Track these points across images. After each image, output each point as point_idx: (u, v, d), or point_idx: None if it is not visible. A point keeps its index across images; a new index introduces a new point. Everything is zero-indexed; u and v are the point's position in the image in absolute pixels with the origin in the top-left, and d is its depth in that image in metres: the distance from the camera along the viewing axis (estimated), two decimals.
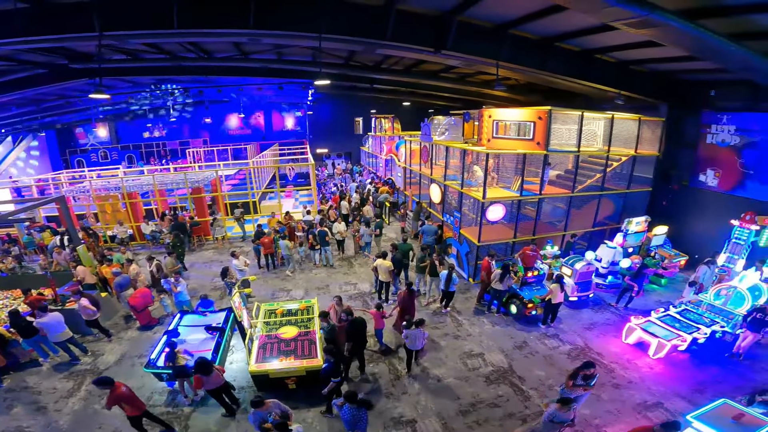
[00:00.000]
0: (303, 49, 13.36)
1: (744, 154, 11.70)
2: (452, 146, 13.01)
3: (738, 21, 6.88)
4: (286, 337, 7.85)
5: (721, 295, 9.19)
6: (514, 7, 8.47)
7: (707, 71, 10.83)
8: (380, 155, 23.79)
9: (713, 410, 5.73)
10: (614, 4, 5.47)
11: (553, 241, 12.33)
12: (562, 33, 9.85)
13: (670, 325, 8.64)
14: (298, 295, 11.39)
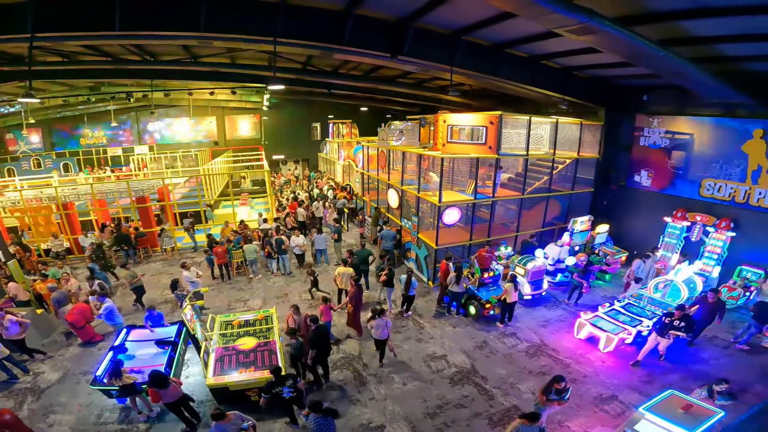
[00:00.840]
0: (258, 53, 13.04)
1: (673, 155, 12.77)
2: (409, 151, 13.17)
3: (666, 27, 7.47)
4: (244, 348, 7.64)
5: (659, 289, 9.89)
6: (468, 14, 8.75)
7: (640, 77, 11.66)
8: (338, 161, 23.67)
9: (662, 401, 5.96)
10: (558, 11, 5.77)
11: (507, 242, 12.80)
12: (512, 39, 10.29)
13: (616, 319, 9.12)
14: (256, 305, 11.05)
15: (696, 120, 12.09)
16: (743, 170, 11.10)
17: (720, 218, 11.50)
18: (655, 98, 12.98)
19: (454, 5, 7.90)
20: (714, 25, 7.10)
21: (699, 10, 6.58)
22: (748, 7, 6.02)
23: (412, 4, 8.45)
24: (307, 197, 20.86)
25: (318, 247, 13.51)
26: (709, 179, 11.89)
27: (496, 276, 10.74)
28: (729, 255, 11.44)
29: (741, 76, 9.59)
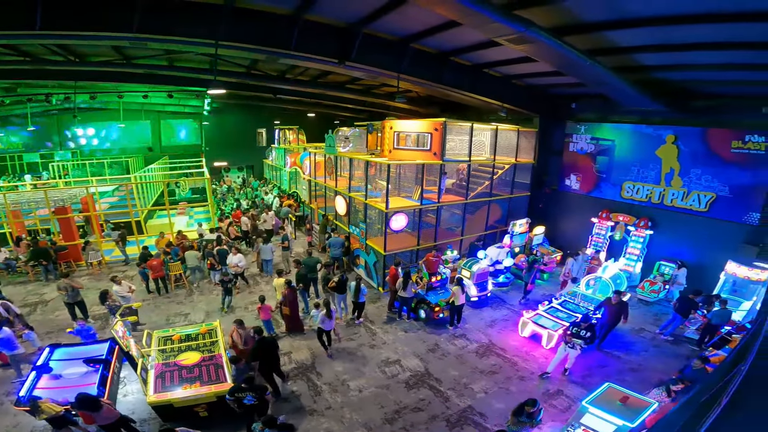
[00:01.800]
0: (199, 56, 12.42)
1: (598, 160, 13.92)
2: (356, 158, 13.19)
3: (593, 38, 8.06)
4: (187, 363, 7.32)
5: (590, 285, 10.67)
6: (416, 22, 8.92)
7: (570, 86, 12.54)
8: (284, 168, 23.12)
9: (601, 394, 6.32)
10: (498, 20, 6.12)
11: (453, 246, 13.19)
12: (457, 48, 10.65)
13: (555, 317, 9.66)
14: (198, 319, 10.50)
15: (617, 127, 13.28)
16: (657, 173, 12.35)
17: (639, 218, 12.69)
18: (582, 106, 14.08)
19: (403, 13, 8.04)
20: (633, 36, 7.76)
21: (620, 21, 7.16)
22: (661, 17, 6.64)
23: (361, 11, 8.49)
24: (251, 204, 20.16)
25: (264, 258, 13.06)
26: (629, 182, 13.09)
27: (444, 279, 11.00)
28: (648, 252, 12.65)
29: (655, 84, 10.58)
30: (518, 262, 13.25)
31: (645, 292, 11.81)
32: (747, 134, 10.43)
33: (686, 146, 11.66)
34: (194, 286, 12.50)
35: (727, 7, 5.91)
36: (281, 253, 13.66)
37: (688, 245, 11.85)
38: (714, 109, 10.99)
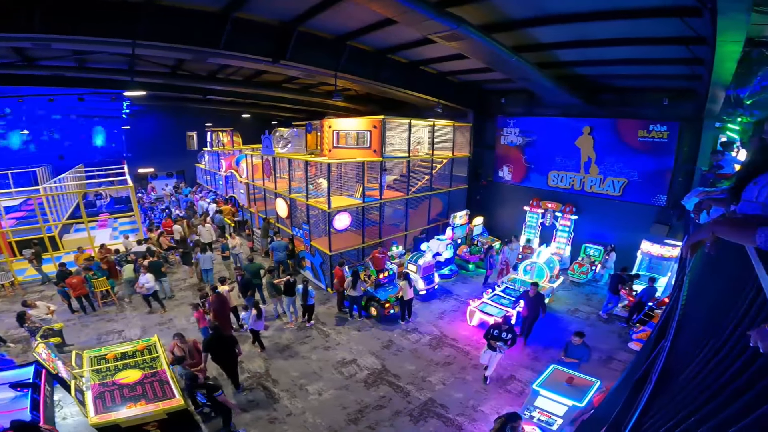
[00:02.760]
0: (114, 56, 11.34)
1: (526, 151, 14.85)
2: (295, 158, 12.88)
3: (518, 34, 8.57)
4: (128, 381, 6.96)
5: (527, 271, 11.35)
6: (353, 20, 8.87)
7: (499, 81, 13.23)
8: (219, 172, 22.00)
9: (549, 377, 6.61)
10: (432, 18, 6.27)
11: (397, 242, 13.37)
12: (394, 45, 10.76)
13: (499, 303, 10.11)
14: (134, 335, 9.76)
15: (541, 120, 14.25)
16: (577, 162, 13.45)
17: (565, 204, 13.74)
18: (511, 101, 14.93)
19: (339, 10, 7.97)
20: (552, 32, 8.36)
21: (542, 18, 7.68)
22: (575, 14, 7.20)
23: (297, 9, 8.30)
24: (191, 213, 18.93)
25: (203, 267, 12.35)
26: (554, 171, 14.12)
27: (391, 275, 11.10)
28: (575, 236, 13.74)
29: (572, 79, 11.51)
30: (461, 253, 13.77)
31: (575, 274, 12.81)
32: (651, 124, 11.70)
33: (600, 136, 12.82)
34: (126, 302, 11.52)
35: (628, 4, 6.54)
36: (222, 262, 13.01)
37: (608, 228, 13.04)
38: (622, 102, 12.20)
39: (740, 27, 4.60)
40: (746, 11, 4.14)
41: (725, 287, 1.82)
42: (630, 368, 4.91)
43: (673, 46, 7.76)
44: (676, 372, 1.98)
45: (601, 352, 8.91)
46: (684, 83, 10.37)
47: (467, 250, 13.94)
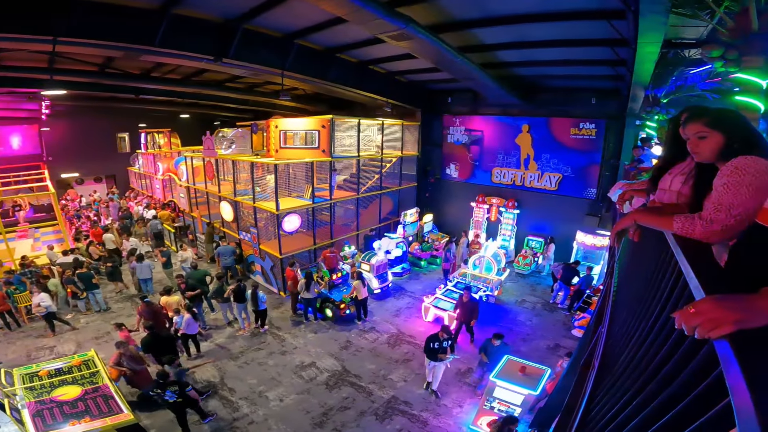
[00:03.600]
0: (31, 54, 10.16)
1: (472, 149, 15.41)
2: (239, 159, 12.38)
3: (463, 35, 8.81)
4: (67, 398, 6.61)
5: (476, 265, 11.77)
6: (301, 18, 8.62)
7: (446, 81, 13.43)
8: (156, 175, 20.60)
9: (503, 367, 6.83)
10: (381, 17, 6.29)
11: (349, 242, 13.32)
12: (343, 44, 10.62)
13: (452, 298, 10.28)
14: (68, 350, 9.05)
15: (484, 118, 14.85)
16: (518, 159, 14.19)
17: (508, 199, 14.44)
18: (456, 100, 15.39)
19: (288, 8, 7.72)
20: (495, 33, 8.67)
21: (485, 20, 7.96)
22: (518, 15, 7.50)
23: (243, 6, 7.94)
24: (113, 221, 17.53)
25: (142, 277, 11.52)
26: (497, 168, 14.79)
27: (345, 276, 11.05)
28: (518, 229, 14.49)
29: (511, 79, 12.08)
30: (413, 250, 14.00)
31: (520, 266, 13.51)
32: (581, 122, 12.61)
33: (537, 134, 13.61)
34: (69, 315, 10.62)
35: (561, 7, 6.96)
36: (165, 271, 12.22)
37: (547, 220, 13.89)
38: (556, 101, 13.02)
39: (659, 29, 4.97)
40: (664, 13, 4.47)
41: (650, 272, 1.96)
42: (575, 354, 5.19)
43: (600, 47, 8.34)
44: (615, 357, 2.10)
45: (548, 340, 9.48)
46: (609, 84, 11.23)
47: (419, 247, 14.20)
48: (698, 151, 1.76)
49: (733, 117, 1.72)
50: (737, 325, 0.85)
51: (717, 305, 0.90)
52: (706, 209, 1.54)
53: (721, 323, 0.86)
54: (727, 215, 1.45)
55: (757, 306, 0.89)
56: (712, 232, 1.50)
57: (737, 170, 1.46)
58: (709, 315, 0.88)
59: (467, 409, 7.29)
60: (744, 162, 1.46)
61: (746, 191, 1.42)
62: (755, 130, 1.67)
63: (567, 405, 3.15)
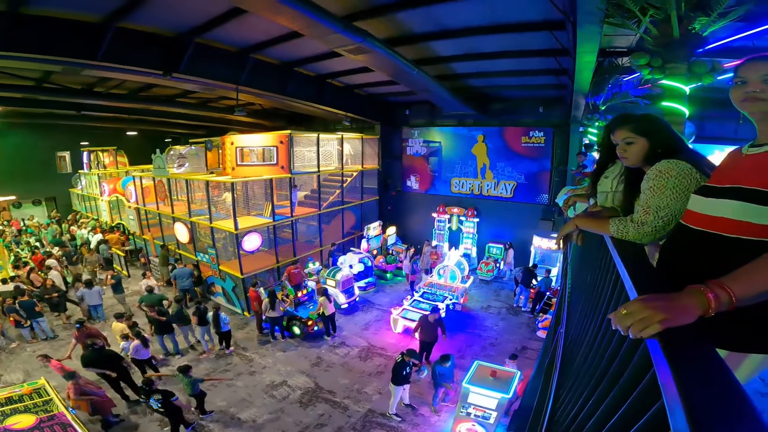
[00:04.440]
0: None
1: (430, 160, 15.77)
2: (194, 179, 11.93)
3: (419, 48, 9.01)
4: (21, 427, 6.35)
5: (441, 274, 11.95)
6: (257, 32, 8.47)
7: (403, 93, 13.73)
8: (101, 197, 19.39)
9: (475, 373, 6.82)
10: (338, 32, 6.30)
11: (313, 258, 13.12)
12: (301, 58, 10.54)
13: (419, 308, 10.38)
14: (16, 379, 8.43)
15: (442, 130, 15.29)
16: (474, 168, 14.68)
17: (467, 208, 14.85)
18: (414, 113, 15.74)
19: (243, 22, 7.58)
20: (449, 46, 8.93)
21: (440, 32, 8.18)
22: (470, 28, 7.76)
23: (194, 20, 7.73)
24: (53, 248, 16.23)
25: (91, 303, 10.83)
26: (455, 178, 15.22)
27: (310, 292, 10.91)
28: (479, 237, 14.90)
29: (465, 90, 12.52)
30: (378, 263, 14.01)
31: (483, 273, 13.86)
32: (531, 131, 13.29)
33: (492, 144, 14.18)
34: None
35: (508, 19, 7.26)
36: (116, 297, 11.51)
37: (506, 227, 14.40)
38: (508, 111, 13.66)
39: (595, 38, 5.30)
40: (599, 23, 4.77)
41: (595, 274, 2.06)
42: (540, 356, 5.35)
43: (544, 57, 8.83)
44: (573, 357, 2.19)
45: (515, 343, 9.75)
46: (554, 92, 11.94)
47: (383, 260, 14.23)
48: (626, 156, 1.87)
49: (656, 123, 1.84)
50: (664, 324, 0.90)
51: (645, 306, 0.95)
52: (636, 212, 1.65)
53: (650, 323, 0.91)
54: (655, 217, 1.57)
55: (681, 304, 0.97)
56: (643, 234, 1.62)
57: (661, 174, 1.57)
58: (638, 316, 0.93)
59: (444, 417, 7.36)
60: (667, 166, 1.57)
61: (670, 193, 1.53)
62: (677, 135, 1.82)
63: (536, 406, 3.21)
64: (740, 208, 1.21)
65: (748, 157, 1.30)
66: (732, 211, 1.23)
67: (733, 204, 1.23)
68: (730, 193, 1.25)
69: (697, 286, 1.00)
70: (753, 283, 1.00)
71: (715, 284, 1.00)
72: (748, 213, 1.19)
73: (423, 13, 7.14)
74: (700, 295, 0.98)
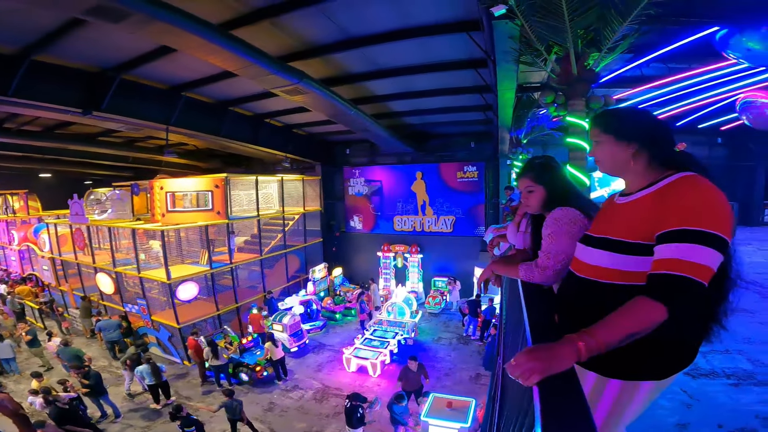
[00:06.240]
0: None
1: (372, 200, 15.99)
2: (118, 226, 11.00)
3: (357, 87, 9.24)
4: None
5: (389, 311, 11.90)
6: (189, 70, 8.22)
7: (342, 133, 13.81)
8: (10, 246, 17.23)
9: (431, 405, 6.82)
10: (274, 72, 6.30)
11: (257, 303, 12.45)
12: (237, 98, 10.34)
13: (371, 346, 10.26)
14: None
15: (382, 168, 15.66)
16: (415, 206, 15.13)
17: (411, 245, 15.12)
18: (355, 152, 15.96)
19: (173, 60, 7.35)
20: (386, 85, 9.26)
21: (377, 72, 8.48)
22: (404, 67, 8.16)
23: (119, 57, 7.40)
24: None
25: (2, 357, 9.56)
26: (398, 216, 15.54)
27: (256, 338, 10.41)
28: (424, 272, 15.14)
29: (402, 128, 12.99)
30: (326, 305, 13.68)
31: (431, 306, 13.99)
32: (465, 166, 14.06)
33: (430, 180, 14.79)
34: None
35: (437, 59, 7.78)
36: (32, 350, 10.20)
37: (449, 260, 14.80)
38: (443, 147, 14.39)
39: (512, 76, 5.76)
40: (514, 62, 5.21)
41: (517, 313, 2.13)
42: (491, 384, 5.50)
43: (472, 94, 9.44)
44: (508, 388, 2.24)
45: (469, 371, 9.79)
46: (483, 128, 12.75)
47: (331, 301, 13.91)
48: (528, 204, 1.99)
49: (552, 172, 1.94)
50: (543, 374, 1.03)
51: (528, 357, 1.06)
52: (539, 257, 1.78)
53: (532, 373, 1.03)
54: (555, 261, 1.70)
55: (557, 354, 1.08)
56: (546, 277, 1.74)
57: (557, 221, 1.72)
58: (523, 367, 1.04)
59: None
60: (561, 213, 1.73)
61: (565, 239, 1.67)
62: (570, 183, 1.97)
63: None
64: (609, 258, 1.35)
65: (617, 206, 1.45)
66: (603, 260, 1.37)
67: (604, 254, 1.37)
68: (601, 243, 1.39)
69: (571, 336, 1.12)
70: (616, 329, 1.12)
71: (586, 333, 1.12)
72: (615, 262, 1.33)
73: (360, 53, 7.42)
74: (572, 344, 1.09)
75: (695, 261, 1.10)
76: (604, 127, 1.45)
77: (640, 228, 1.27)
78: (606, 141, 1.44)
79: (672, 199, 1.22)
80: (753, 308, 5.31)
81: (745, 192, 14.03)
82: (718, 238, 1.11)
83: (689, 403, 3.20)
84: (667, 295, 1.12)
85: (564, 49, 4.83)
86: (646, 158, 1.38)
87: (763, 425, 2.90)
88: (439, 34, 6.49)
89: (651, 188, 1.32)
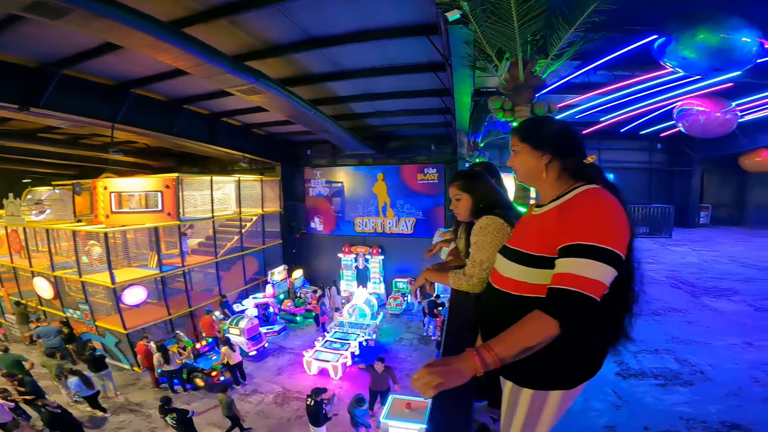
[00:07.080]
0: None
1: (334, 201, 15.88)
2: (57, 227, 10.27)
3: (317, 88, 9.11)
4: None
5: (351, 313, 11.85)
6: (139, 66, 7.80)
7: (303, 133, 13.52)
8: None
9: (391, 407, 6.77)
10: (229, 71, 6.12)
11: (212, 307, 12.01)
12: (192, 96, 9.93)
13: (331, 349, 10.19)
14: None
15: (343, 169, 15.58)
16: (376, 207, 15.18)
17: (372, 247, 15.14)
18: (316, 152, 15.73)
19: (121, 56, 6.97)
20: (347, 86, 9.18)
21: (338, 73, 8.40)
22: (367, 69, 8.12)
23: (62, 52, 6.95)
24: None
25: None
26: (359, 218, 15.51)
27: (211, 342, 10.09)
28: (385, 273, 15.18)
29: (364, 130, 12.96)
30: (286, 307, 13.42)
31: (392, 308, 14.08)
32: (425, 168, 14.30)
33: (391, 182, 14.89)
34: None
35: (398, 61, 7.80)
36: None
37: (409, 262, 14.91)
38: (404, 149, 14.53)
39: (468, 81, 5.92)
40: (469, 67, 5.37)
41: None
42: None
43: (432, 97, 9.58)
44: None
45: None
46: (443, 130, 12.98)
47: (292, 303, 13.66)
48: (458, 212, 2.02)
49: (477, 179, 1.98)
50: (438, 388, 1.07)
51: (427, 372, 1.10)
52: (466, 266, 1.82)
53: (428, 387, 1.08)
54: (480, 269, 1.73)
55: (454, 369, 1.12)
56: (473, 285, 1.77)
57: (481, 230, 1.76)
58: (422, 381, 1.09)
59: None
60: (486, 222, 1.77)
61: (489, 248, 1.71)
62: (497, 191, 1.99)
63: None
64: (518, 270, 1.35)
65: (531, 218, 1.44)
66: (513, 272, 1.37)
67: (514, 266, 1.37)
68: (515, 255, 1.38)
69: (471, 350, 1.14)
70: (512, 344, 1.14)
71: (483, 348, 1.14)
72: (524, 274, 1.33)
73: (321, 54, 7.38)
74: (470, 358, 1.12)
75: (587, 276, 1.11)
76: (522, 135, 1.44)
77: (546, 241, 1.27)
78: (522, 150, 1.43)
79: (571, 213, 1.23)
80: (683, 307, 5.65)
81: (682, 195, 15.22)
82: (612, 254, 1.12)
83: (619, 405, 3.27)
84: (559, 309, 1.13)
85: (514, 55, 4.96)
86: (558, 169, 1.38)
87: (686, 427, 3.01)
88: (401, 36, 6.55)
89: (558, 201, 1.33)
